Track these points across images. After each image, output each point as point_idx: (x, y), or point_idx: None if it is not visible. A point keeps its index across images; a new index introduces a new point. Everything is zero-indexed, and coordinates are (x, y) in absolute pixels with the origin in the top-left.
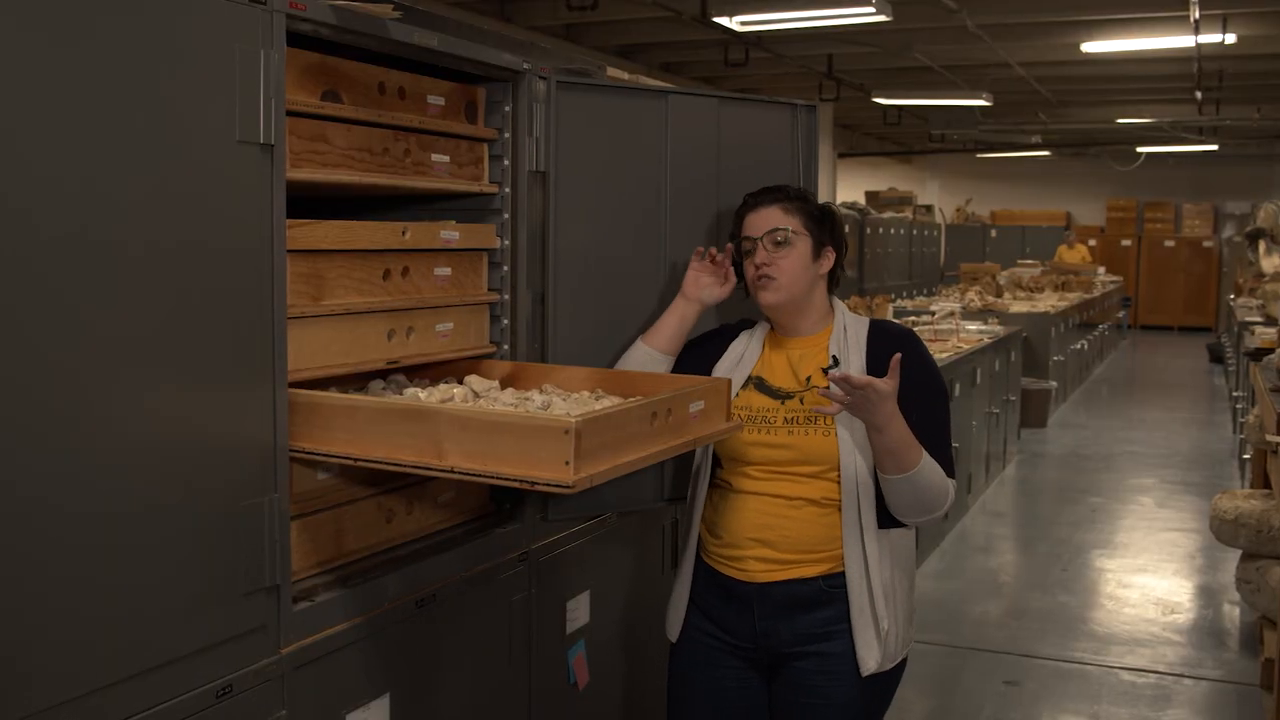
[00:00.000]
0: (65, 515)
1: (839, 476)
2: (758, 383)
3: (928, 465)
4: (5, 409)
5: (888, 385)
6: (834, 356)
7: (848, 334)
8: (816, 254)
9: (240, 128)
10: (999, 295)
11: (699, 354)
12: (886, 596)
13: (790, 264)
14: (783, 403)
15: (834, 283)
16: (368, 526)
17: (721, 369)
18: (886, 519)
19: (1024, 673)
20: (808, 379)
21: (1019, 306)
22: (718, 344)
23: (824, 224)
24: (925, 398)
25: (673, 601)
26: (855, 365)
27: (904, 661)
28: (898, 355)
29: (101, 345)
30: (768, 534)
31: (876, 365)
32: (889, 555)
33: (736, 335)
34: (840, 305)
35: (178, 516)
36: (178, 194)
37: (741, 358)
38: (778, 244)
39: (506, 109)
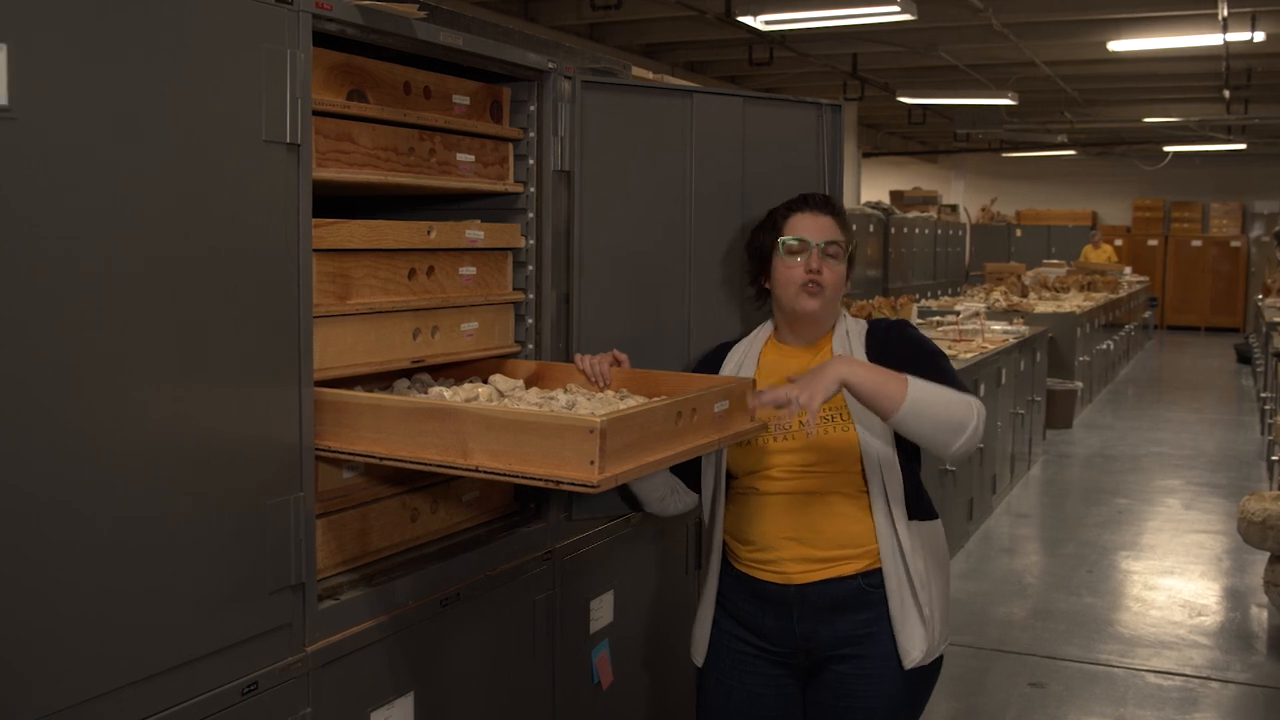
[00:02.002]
0: (93, 515)
1: (863, 468)
2: None
3: (918, 385)
4: (33, 412)
5: (793, 380)
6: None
7: (850, 338)
8: (847, 275)
9: (266, 127)
10: (1024, 295)
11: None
12: (923, 585)
13: (836, 277)
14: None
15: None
16: (392, 525)
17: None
18: (915, 510)
19: (1049, 674)
20: None
21: (1044, 306)
22: (715, 360)
23: (855, 251)
24: (922, 360)
25: (698, 623)
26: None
27: (940, 661)
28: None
29: (128, 345)
30: (802, 531)
31: (876, 355)
32: (921, 546)
33: (733, 345)
34: (844, 312)
35: (204, 515)
36: (204, 194)
37: (739, 370)
38: (830, 255)
39: (531, 108)
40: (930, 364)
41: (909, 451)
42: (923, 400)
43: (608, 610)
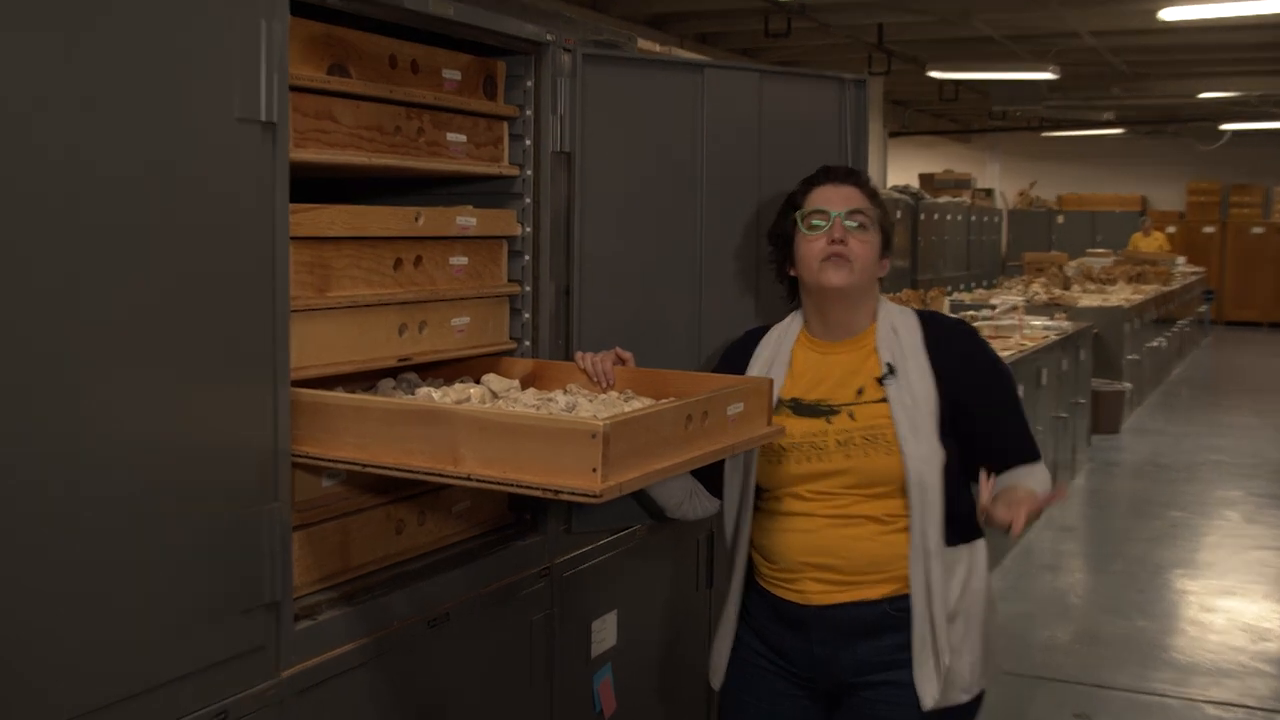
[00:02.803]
0: (47, 528)
1: (904, 495)
2: (793, 406)
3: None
4: None
5: (1007, 516)
6: (888, 365)
7: (898, 335)
8: (881, 253)
9: (239, 105)
10: (1066, 287)
11: (729, 372)
12: (952, 622)
13: (866, 250)
14: (829, 420)
15: (881, 286)
16: (376, 538)
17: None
18: (955, 534)
19: (1096, 704)
20: (859, 390)
21: (1089, 300)
22: (742, 353)
23: (888, 226)
24: (997, 391)
25: (717, 641)
26: (915, 369)
27: (981, 695)
28: (990, 480)
29: (88, 341)
30: (825, 556)
31: (942, 366)
32: (958, 578)
33: (763, 335)
34: (883, 301)
35: (169, 527)
36: (171, 176)
37: (769, 369)
38: (857, 226)
39: (528, 84)
40: (1004, 401)
41: (956, 474)
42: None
43: (611, 632)
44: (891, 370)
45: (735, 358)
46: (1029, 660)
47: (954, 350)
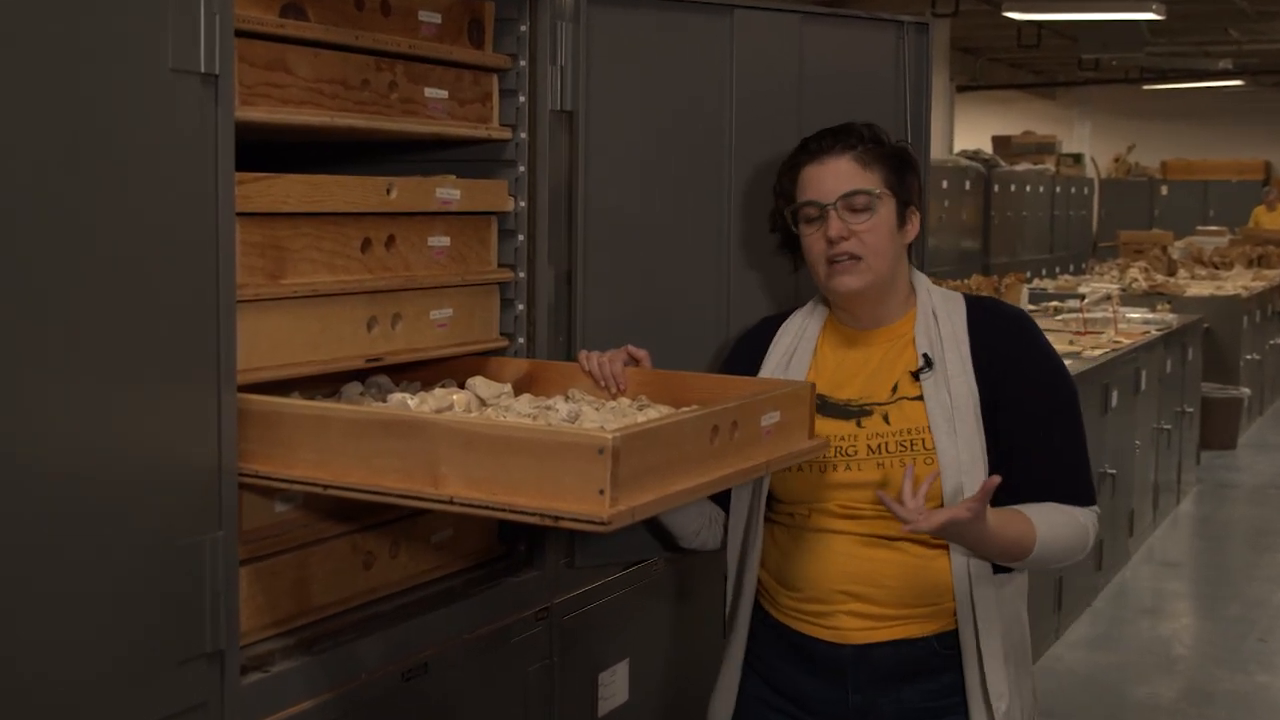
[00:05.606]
0: None
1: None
2: (818, 404)
3: (1048, 535)
4: None
5: (968, 513)
6: (925, 356)
7: (938, 320)
8: (902, 219)
9: (174, 53)
10: (1172, 273)
11: (740, 371)
12: (1006, 660)
13: (876, 236)
14: (859, 423)
15: (912, 253)
16: (340, 574)
17: (765, 374)
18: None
19: None
20: (894, 387)
21: (1199, 288)
22: (757, 346)
23: (905, 176)
24: (1044, 401)
25: (719, 689)
26: (954, 360)
27: None
28: (994, 479)
29: None
30: (862, 585)
31: (984, 364)
32: (1009, 610)
33: (782, 323)
34: (922, 280)
35: (90, 561)
36: (92, 139)
37: (790, 360)
38: (856, 210)
39: (522, 29)
40: (1050, 415)
41: (1006, 485)
42: (1042, 557)
43: (622, 686)
44: (928, 362)
45: (749, 349)
46: None
47: (996, 339)
